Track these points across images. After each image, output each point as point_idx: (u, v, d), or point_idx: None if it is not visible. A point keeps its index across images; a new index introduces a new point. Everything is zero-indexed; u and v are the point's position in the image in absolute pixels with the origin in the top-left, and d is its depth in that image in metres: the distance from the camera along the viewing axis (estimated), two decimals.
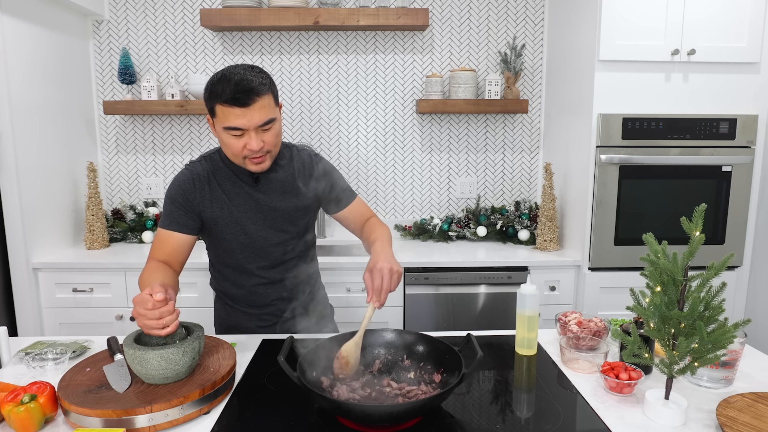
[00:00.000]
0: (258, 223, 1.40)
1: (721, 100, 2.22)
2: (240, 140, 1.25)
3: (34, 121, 2.28)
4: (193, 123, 2.77)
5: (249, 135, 1.24)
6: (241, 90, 1.19)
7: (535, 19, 2.73)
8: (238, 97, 1.19)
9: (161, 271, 1.28)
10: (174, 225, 1.36)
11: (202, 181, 1.37)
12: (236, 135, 1.25)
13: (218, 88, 1.21)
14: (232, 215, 1.38)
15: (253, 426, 1.01)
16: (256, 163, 1.30)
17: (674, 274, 0.97)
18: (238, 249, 1.42)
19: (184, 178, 1.38)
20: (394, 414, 0.94)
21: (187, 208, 1.36)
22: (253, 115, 1.22)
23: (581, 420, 1.03)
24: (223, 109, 1.22)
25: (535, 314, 1.31)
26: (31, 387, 0.99)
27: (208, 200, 1.37)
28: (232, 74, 1.21)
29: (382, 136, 2.79)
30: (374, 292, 1.18)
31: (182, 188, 1.37)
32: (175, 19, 2.69)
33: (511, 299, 2.33)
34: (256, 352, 1.34)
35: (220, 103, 1.21)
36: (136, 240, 2.64)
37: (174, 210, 1.36)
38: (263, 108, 1.23)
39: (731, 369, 1.14)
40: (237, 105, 1.20)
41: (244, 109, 1.20)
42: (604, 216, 2.24)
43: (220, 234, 1.40)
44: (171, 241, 1.35)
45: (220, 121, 1.24)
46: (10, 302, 2.27)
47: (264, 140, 1.26)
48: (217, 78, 1.23)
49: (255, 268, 1.45)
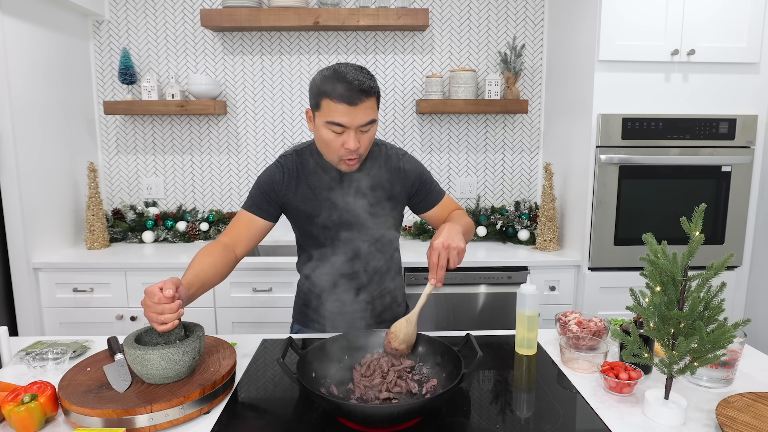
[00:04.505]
0: (340, 219, 1.41)
1: (720, 100, 2.22)
2: (339, 138, 1.27)
3: (35, 121, 2.28)
4: (193, 123, 2.77)
5: (348, 134, 1.26)
6: (354, 89, 1.22)
7: (535, 19, 2.73)
8: (349, 95, 1.21)
9: (215, 255, 1.31)
10: (254, 208, 1.42)
11: (291, 174, 1.42)
12: (337, 132, 1.26)
13: (329, 85, 1.23)
14: (315, 210, 1.41)
15: (253, 426, 1.01)
16: (347, 164, 1.32)
17: (674, 274, 0.97)
18: (318, 241, 1.45)
19: (275, 170, 1.43)
20: (395, 414, 0.94)
21: (271, 197, 1.41)
22: (357, 114, 1.23)
23: (581, 420, 1.03)
24: (330, 104, 1.23)
25: (535, 314, 1.31)
26: (32, 387, 1.00)
27: (293, 193, 1.41)
28: (346, 72, 1.24)
29: (382, 136, 2.79)
30: (431, 269, 1.19)
31: (271, 178, 1.42)
32: (175, 19, 2.69)
33: (511, 299, 2.33)
34: (256, 352, 1.34)
35: (329, 98, 1.23)
36: (137, 240, 2.64)
37: (258, 195, 1.42)
38: (368, 109, 1.25)
39: (731, 369, 1.15)
40: (346, 102, 1.22)
41: (352, 107, 1.23)
42: (603, 216, 2.24)
43: (302, 226, 1.45)
44: (248, 223, 1.42)
45: (324, 116, 1.25)
46: (10, 302, 2.27)
47: (361, 141, 1.28)
48: (329, 73, 1.25)
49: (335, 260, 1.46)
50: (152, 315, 1.05)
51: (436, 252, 1.19)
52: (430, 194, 1.49)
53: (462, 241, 1.21)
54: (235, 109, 2.76)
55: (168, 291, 1.05)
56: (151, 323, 1.06)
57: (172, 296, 1.06)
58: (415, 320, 1.19)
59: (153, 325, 1.06)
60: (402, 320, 1.20)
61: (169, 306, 1.05)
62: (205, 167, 2.81)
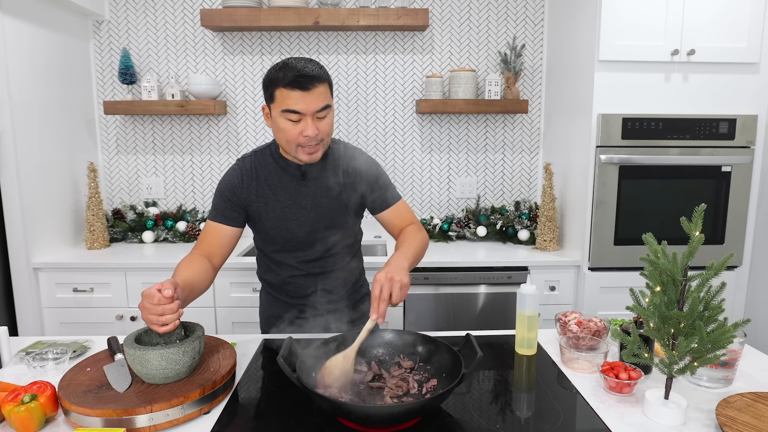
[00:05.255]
0: (301, 218, 1.42)
1: (720, 101, 2.22)
2: (297, 126, 1.28)
3: (35, 121, 2.28)
4: (193, 123, 2.77)
5: (306, 121, 1.27)
6: (303, 75, 1.24)
7: (535, 19, 2.73)
8: (300, 80, 1.24)
9: (195, 265, 1.31)
10: (219, 217, 1.41)
11: (250, 176, 1.42)
12: (293, 120, 1.28)
13: (280, 74, 1.26)
14: (276, 210, 1.41)
15: (253, 426, 1.01)
16: (308, 153, 1.32)
17: (674, 274, 0.97)
18: (280, 242, 1.45)
19: (234, 173, 1.43)
20: (395, 414, 0.94)
21: (234, 202, 1.41)
22: (312, 100, 1.26)
23: (581, 420, 1.03)
24: (284, 92, 1.26)
25: (535, 314, 1.31)
26: (32, 387, 1.00)
27: (254, 195, 1.41)
28: (294, 62, 1.27)
29: (382, 136, 2.80)
30: (373, 303, 1.15)
31: (230, 183, 1.42)
32: (175, 19, 2.69)
33: (511, 299, 2.33)
34: (256, 352, 1.34)
35: (281, 86, 1.26)
36: (137, 240, 2.64)
37: (221, 203, 1.42)
38: (321, 94, 1.27)
39: (731, 369, 1.15)
40: (298, 88, 1.24)
41: (304, 93, 1.25)
42: (603, 216, 2.24)
43: (264, 227, 1.44)
44: (216, 232, 1.41)
45: (279, 105, 1.27)
46: (10, 302, 2.27)
47: (319, 128, 1.29)
48: (278, 66, 1.28)
49: (295, 261, 1.47)
50: (152, 317, 1.05)
51: (378, 285, 1.15)
52: (384, 195, 1.49)
53: (406, 276, 1.20)
54: (235, 109, 2.76)
55: (167, 291, 1.05)
56: (151, 326, 1.06)
57: (171, 296, 1.06)
58: (352, 357, 1.11)
59: (153, 327, 1.05)
60: (338, 356, 1.11)
61: (169, 306, 1.05)
62: (205, 167, 2.81)
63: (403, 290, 1.18)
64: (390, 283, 1.16)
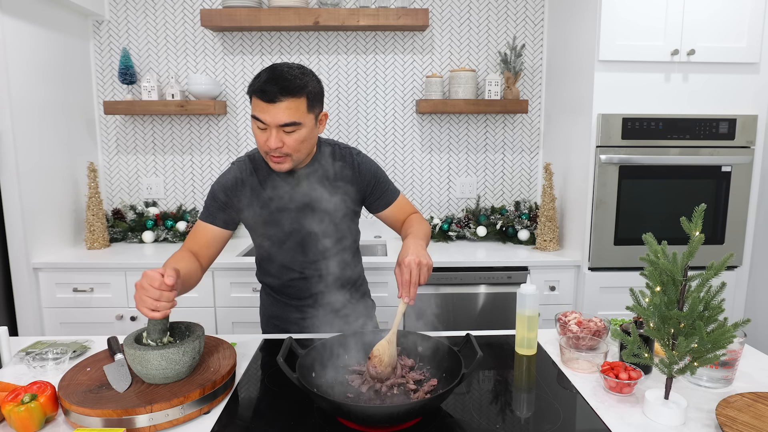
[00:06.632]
0: (296, 220, 1.42)
1: (720, 101, 2.22)
2: (263, 134, 1.27)
3: (35, 121, 2.28)
4: (193, 123, 2.77)
5: (270, 132, 1.25)
6: (271, 86, 1.21)
7: (535, 19, 2.73)
8: (266, 90, 1.21)
9: (187, 260, 1.30)
10: (210, 218, 1.40)
11: (245, 179, 1.41)
12: (261, 127, 1.27)
13: (256, 79, 1.25)
14: (271, 213, 1.41)
15: (253, 426, 1.01)
16: (275, 162, 1.31)
17: (674, 274, 0.97)
18: (276, 244, 1.45)
19: (228, 176, 1.42)
20: (395, 414, 0.94)
21: (227, 205, 1.40)
22: (276, 113, 1.23)
23: (581, 420, 1.03)
24: (254, 99, 1.25)
25: (535, 314, 1.31)
26: (32, 387, 1.00)
27: (248, 198, 1.40)
28: (274, 69, 1.24)
29: (382, 136, 2.80)
30: (403, 287, 1.16)
31: (224, 186, 1.41)
32: (175, 19, 2.69)
33: (511, 299, 2.33)
34: (256, 352, 1.34)
35: (252, 91, 1.25)
36: (137, 240, 2.64)
37: (213, 205, 1.41)
38: (289, 110, 1.23)
39: (731, 369, 1.15)
40: (262, 99, 1.23)
41: (269, 105, 1.22)
42: (603, 216, 2.24)
43: (259, 230, 1.44)
44: (205, 233, 1.40)
45: (252, 109, 1.27)
46: (10, 302, 2.27)
47: (284, 141, 1.26)
48: (263, 69, 1.27)
49: (293, 263, 1.46)
50: (147, 299, 1.03)
51: (408, 269, 1.16)
52: (384, 194, 1.49)
53: (430, 258, 1.21)
54: (235, 109, 2.76)
55: (169, 279, 1.04)
56: (140, 307, 1.03)
57: (172, 285, 1.05)
58: (395, 341, 1.15)
59: (142, 310, 1.03)
60: (383, 342, 1.13)
61: (167, 294, 1.04)
62: (205, 167, 2.81)
63: (429, 272, 1.20)
64: (418, 267, 1.17)
